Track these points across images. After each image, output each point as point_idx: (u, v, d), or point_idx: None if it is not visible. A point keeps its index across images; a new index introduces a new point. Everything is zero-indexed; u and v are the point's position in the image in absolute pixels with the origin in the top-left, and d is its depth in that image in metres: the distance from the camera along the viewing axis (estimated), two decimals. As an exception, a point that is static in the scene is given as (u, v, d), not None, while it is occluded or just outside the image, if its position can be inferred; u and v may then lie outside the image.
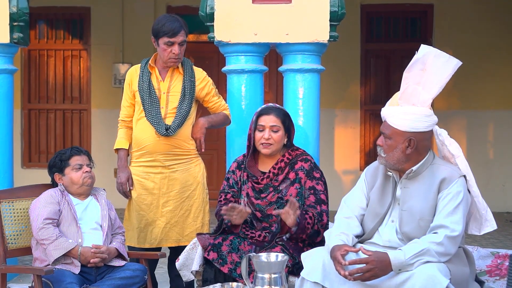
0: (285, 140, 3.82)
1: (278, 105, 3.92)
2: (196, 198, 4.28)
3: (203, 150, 4.28)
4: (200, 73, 4.34)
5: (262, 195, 3.79)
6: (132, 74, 4.33)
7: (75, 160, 3.88)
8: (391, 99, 3.34)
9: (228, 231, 3.74)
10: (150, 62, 4.29)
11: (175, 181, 4.24)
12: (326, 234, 3.34)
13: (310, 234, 3.62)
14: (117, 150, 4.33)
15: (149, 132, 4.20)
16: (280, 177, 3.78)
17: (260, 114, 3.82)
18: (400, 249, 3.06)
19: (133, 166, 4.32)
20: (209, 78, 4.38)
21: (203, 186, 4.31)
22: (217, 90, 4.42)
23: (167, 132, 4.15)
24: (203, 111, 4.58)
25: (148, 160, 4.25)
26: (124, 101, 4.37)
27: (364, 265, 3.00)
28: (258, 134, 3.79)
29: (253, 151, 3.85)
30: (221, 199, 3.91)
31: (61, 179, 3.87)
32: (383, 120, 3.29)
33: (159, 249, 4.29)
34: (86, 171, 3.87)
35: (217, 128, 4.70)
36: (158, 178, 4.24)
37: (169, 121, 4.19)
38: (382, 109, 3.30)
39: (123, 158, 4.32)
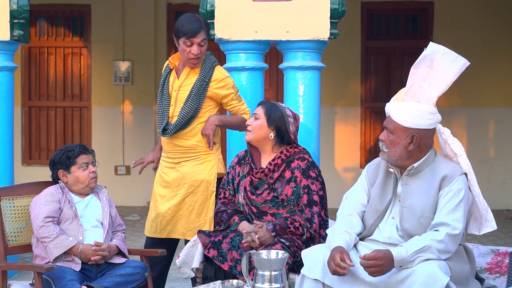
0: (271, 134, 3.82)
1: (278, 103, 3.93)
2: (199, 195, 4.22)
3: (211, 148, 4.18)
4: (219, 74, 4.21)
5: (258, 192, 3.80)
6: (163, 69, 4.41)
7: (82, 159, 3.86)
8: (396, 94, 3.34)
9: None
10: (170, 58, 4.29)
11: (183, 176, 4.21)
12: (329, 231, 3.33)
13: (304, 241, 3.66)
14: None
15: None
16: (276, 175, 3.78)
17: (257, 105, 3.96)
18: (401, 245, 3.06)
19: (161, 159, 4.42)
20: (230, 80, 4.25)
21: (208, 184, 4.21)
22: (238, 94, 4.28)
23: (164, 133, 4.16)
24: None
25: (164, 156, 4.31)
26: None
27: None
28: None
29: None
30: (221, 196, 3.94)
31: (65, 176, 3.86)
32: (387, 115, 3.28)
33: (171, 240, 4.32)
34: (93, 171, 3.86)
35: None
36: (172, 172, 4.25)
37: (175, 120, 4.17)
38: (387, 104, 3.30)
39: (158, 141, 4.50)
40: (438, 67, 3.20)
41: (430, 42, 3.23)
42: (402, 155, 3.21)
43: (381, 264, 2.98)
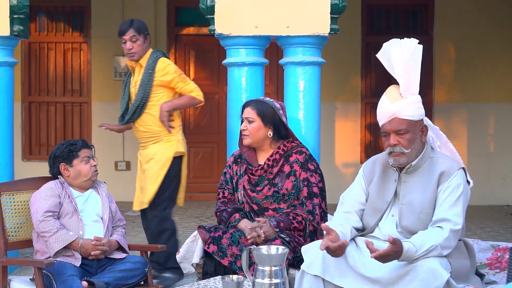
0: (270, 132, 3.82)
1: (263, 98, 3.93)
2: (148, 172, 4.81)
3: (168, 131, 4.76)
4: (161, 64, 4.77)
5: (258, 188, 3.81)
6: None
7: (84, 153, 3.90)
8: (387, 96, 3.30)
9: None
10: (127, 61, 4.95)
11: (148, 154, 4.86)
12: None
13: (308, 235, 3.68)
14: None
15: None
16: (275, 170, 3.79)
17: (243, 107, 3.90)
18: (409, 242, 3.00)
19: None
20: (171, 67, 4.78)
21: (156, 164, 4.79)
22: (183, 76, 4.81)
23: (121, 120, 4.91)
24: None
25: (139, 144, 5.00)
26: None
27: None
28: (241, 126, 3.87)
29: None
30: (220, 196, 3.93)
31: (67, 170, 3.87)
32: (390, 119, 3.25)
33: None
34: (94, 165, 3.88)
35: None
36: (143, 154, 4.94)
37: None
38: (389, 108, 3.26)
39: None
40: (404, 58, 3.21)
41: (384, 44, 3.26)
42: (420, 149, 3.26)
43: (396, 251, 2.91)
